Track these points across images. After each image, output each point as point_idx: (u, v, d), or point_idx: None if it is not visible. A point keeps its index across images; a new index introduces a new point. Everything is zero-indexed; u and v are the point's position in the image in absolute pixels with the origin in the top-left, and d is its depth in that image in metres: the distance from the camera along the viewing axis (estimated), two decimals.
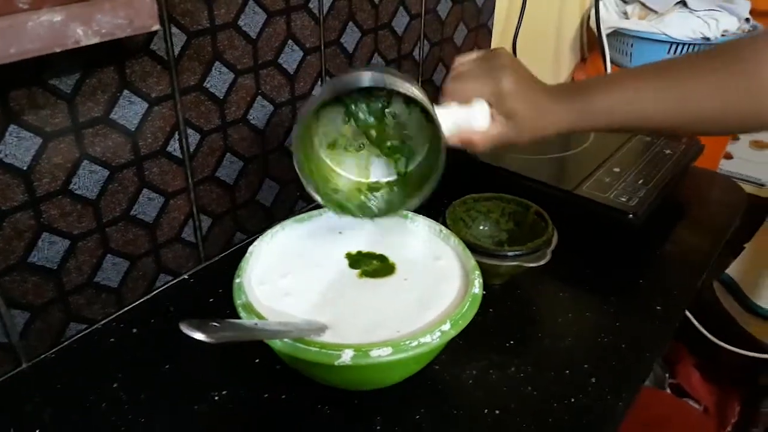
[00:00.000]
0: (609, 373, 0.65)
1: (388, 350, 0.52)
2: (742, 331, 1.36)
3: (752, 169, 1.74)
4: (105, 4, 0.51)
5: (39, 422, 0.59)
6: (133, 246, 0.71)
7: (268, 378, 0.63)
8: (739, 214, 0.95)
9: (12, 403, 0.61)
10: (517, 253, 0.72)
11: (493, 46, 1.20)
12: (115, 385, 0.62)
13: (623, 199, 0.81)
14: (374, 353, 0.52)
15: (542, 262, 0.71)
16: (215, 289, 0.75)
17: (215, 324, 0.44)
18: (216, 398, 0.61)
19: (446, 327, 0.55)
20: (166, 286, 0.76)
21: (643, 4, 1.42)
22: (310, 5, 0.79)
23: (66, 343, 0.68)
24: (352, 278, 0.63)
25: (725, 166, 1.74)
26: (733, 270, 1.43)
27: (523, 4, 1.20)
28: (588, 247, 0.83)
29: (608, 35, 1.36)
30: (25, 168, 0.58)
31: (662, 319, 0.72)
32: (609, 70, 1.33)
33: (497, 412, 0.60)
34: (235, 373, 0.64)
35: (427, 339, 0.53)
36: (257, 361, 0.65)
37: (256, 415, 0.60)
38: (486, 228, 0.81)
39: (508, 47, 1.23)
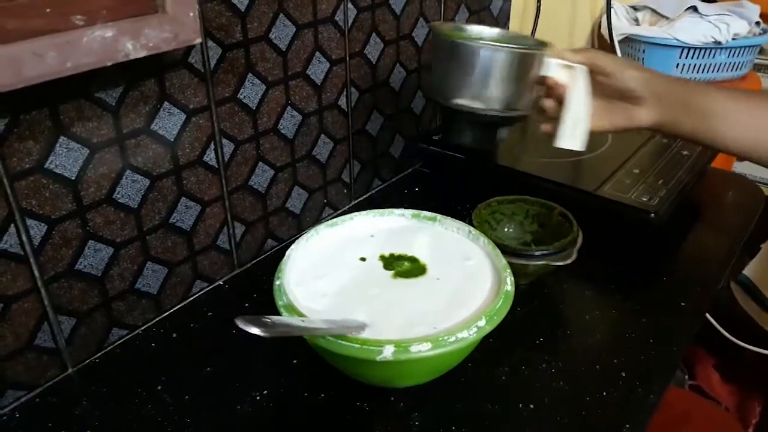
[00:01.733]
0: (638, 367, 0.66)
1: (427, 345, 0.54)
2: (761, 331, 1.36)
3: (764, 170, 1.75)
4: (152, 19, 0.54)
5: (88, 425, 0.61)
6: (171, 253, 0.73)
7: (307, 377, 0.65)
8: (758, 214, 0.97)
9: (61, 406, 0.63)
10: (543, 252, 0.73)
11: None
12: (159, 388, 0.64)
13: (644, 199, 0.83)
14: (414, 348, 0.54)
15: (569, 261, 0.73)
16: (250, 295, 0.77)
17: (268, 320, 0.46)
18: (257, 398, 0.63)
19: (482, 323, 0.57)
20: (201, 292, 0.78)
21: (654, 11, 1.44)
22: (336, 17, 0.82)
23: (109, 348, 0.70)
24: (386, 279, 0.65)
25: (738, 168, 1.75)
26: (749, 270, 1.44)
27: (536, 11, 1.22)
28: (611, 246, 0.85)
29: (620, 42, 1.39)
30: (73, 178, 0.61)
31: (687, 314, 0.74)
32: None
33: (531, 406, 0.62)
34: (275, 374, 0.66)
35: (464, 334, 0.55)
36: (295, 361, 0.67)
37: (298, 413, 0.62)
38: (511, 230, 0.83)
39: None
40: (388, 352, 0.53)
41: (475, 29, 0.78)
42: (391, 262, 0.67)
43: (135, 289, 0.70)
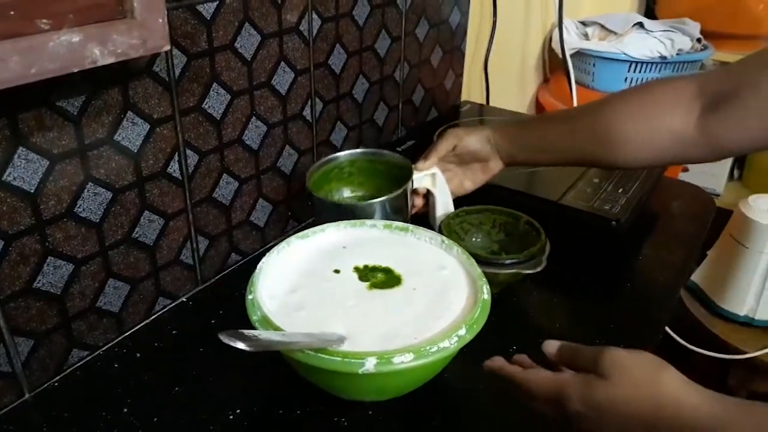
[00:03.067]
0: None
1: (410, 356, 0.53)
2: (710, 335, 1.41)
3: (707, 180, 1.82)
4: (121, 24, 0.52)
5: None
6: (134, 269, 0.70)
7: (281, 394, 0.63)
8: (710, 221, 1.00)
9: None
10: (514, 261, 0.74)
11: (465, 67, 1.24)
12: (125, 410, 0.61)
13: (606, 207, 0.85)
14: (397, 360, 0.53)
15: (539, 269, 0.74)
16: (215, 311, 0.75)
17: (251, 335, 0.45)
18: (231, 417, 0.61)
19: (462, 332, 0.56)
20: (164, 309, 0.75)
21: (602, 26, 1.49)
22: (301, 27, 0.81)
23: (69, 370, 0.66)
24: (362, 290, 0.63)
25: (683, 177, 1.82)
26: (697, 276, 1.49)
27: (492, 28, 1.24)
28: (575, 254, 0.86)
29: (571, 56, 1.43)
30: (32, 191, 0.57)
31: (652, 318, 0.76)
32: (574, 89, 1.39)
33: (508, 416, 0.62)
34: (246, 391, 0.64)
35: (446, 344, 0.55)
36: (266, 379, 0.65)
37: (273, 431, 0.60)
38: (478, 240, 0.84)
39: (479, 70, 1.28)
40: (370, 365, 0.52)
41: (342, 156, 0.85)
42: (365, 273, 0.66)
43: (96, 307, 0.67)
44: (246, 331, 0.45)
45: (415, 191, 0.84)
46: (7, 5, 0.44)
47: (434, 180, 0.82)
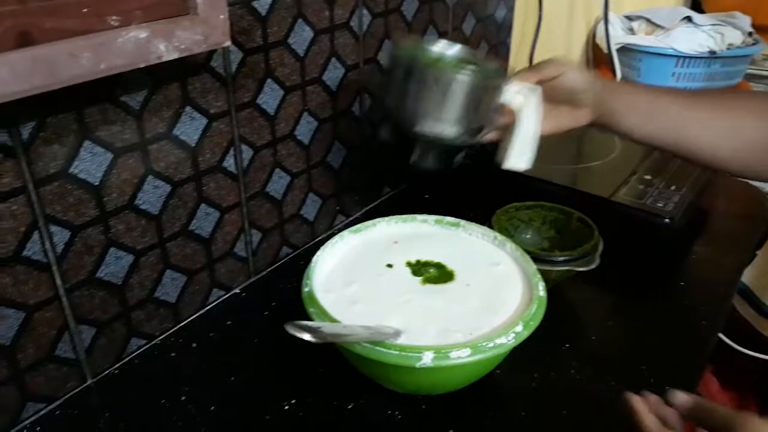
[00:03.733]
0: (666, 371, 0.66)
1: (466, 351, 0.53)
2: (759, 335, 1.38)
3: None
4: (184, 21, 0.53)
5: None
6: (190, 261, 0.71)
7: (335, 385, 0.64)
8: (765, 221, 0.98)
9: (83, 419, 0.61)
10: (567, 258, 0.73)
11: (510, 62, 1.23)
12: (183, 399, 0.63)
13: (659, 205, 0.83)
14: (454, 354, 0.53)
15: (592, 266, 0.73)
16: (268, 302, 0.76)
17: (316, 327, 0.45)
18: (286, 407, 0.62)
19: (519, 328, 0.56)
20: (219, 300, 0.77)
21: (649, 20, 1.46)
22: (351, 23, 0.81)
23: (127, 358, 0.68)
24: (415, 285, 0.64)
25: None
26: (746, 277, 1.45)
27: (538, 23, 1.23)
28: (626, 252, 0.85)
29: (617, 51, 1.40)
30: (96, 183, 0.59)
31: (708, 318, 0.74)
32: None
33: (564, 412, 0.62)
34: (302, 383, 0.64)
35: (503, 340, 0.55)
36: (320, 370, 0.66)
37: (328, 422, 0.60)
38: (528, 236, 0.83)
39: (525, 63, 1.27)
40: (427, 359, 0.52)
41: (437, 48, 0.71)
42: (418, 268, 0.66)
43: (154, 297, 0.69)
44: (310, 323, 0.46)
45: (501, 106, 0.70)
46: (80, 3, 0.46)
47: (528, 99, 0.69)
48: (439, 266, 0.67)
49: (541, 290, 0.61)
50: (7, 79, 0.43)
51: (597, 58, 1.63)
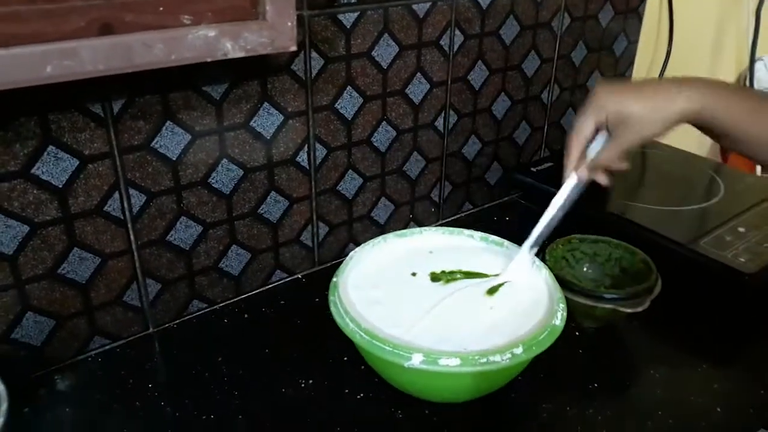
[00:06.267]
0: None
1: (456, 360, 0.55)
2: None
3: None
4: (253, 24, 0.60)
5: (153, 379, 0.68)
6: (256, 241, 0.79)
7: (352, 376, 0.68)
8: None
9: (136, 359, 0.71)
10: (613, 296, 0.71)
11: None
12: (219, 359, 0.70)
13: (742, 260, 0.77)
14: (443, 361, 0.55)
15: (639, 309, 0.70)
16: (323, 291, 0.81)
17: None
18: (302, 385, 0.67)
19: (518, 350, 0.56)
20: (280, 282, 0.84)
21: None
22: (441, 42, 0.85)
23: (187, 317, 0.77)
24: (441, 294, 0.66)
25: None
26: None
27: (665, 58, 1.18)
28: (696, 304, 0.80)
29: None
30: (174, 159, 0.68)
31: (755, 407, 0.67)
32: None
33: None
34: (324, 366, 0.69)
35: (497, 358, 0.55)
36: (345, 359, 0.70)
37: (333, 407, 0.65)
38: (590, 270, 0.81)
39: None
40: (416, 360, 0.55)
41: None
42: (450, 279, 0.68)
43: (218, 267, 0.77)
44: None
45: None
46: (157, 2, 0.55)
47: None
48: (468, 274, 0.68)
49: (558, 320, 0.60)
50: (89, 59, 0.52)
51: None
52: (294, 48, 0.63)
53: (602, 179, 0.68)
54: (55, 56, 0.51)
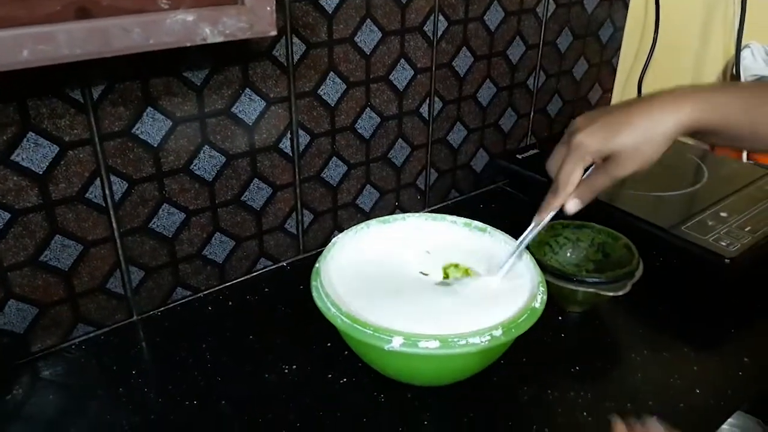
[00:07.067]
0: (674, 414, 0.63)
1: (435, 343, 0.55)
2: None
3: None
4: (231, 9, 0.60)
5: (137, 366, 0.68)
6: (239, 228, 0.79)
7: (335, 361, 0.68)
8: None
9: (120, 347, 0.71)
10: (594, 280, 0.71)
11: (617, 84, 1.19)
12: (203, 346, 0.70)
13: (723, 244, 0.78)
14: (422, 344, 0.55)
15: (620, 293, 0.70)
16: (308, 279, 0.82)
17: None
18: (285, 371, 0.67)
19: (497, 333, 0.57)
20: (265, 269, 0.84)
21: None
22: (425, 28, 0.85)
23: (171, 305, 0.77)
24: (422, 284, 0.66)
25: None
26: None
27: (652, 45, 1.18)
28: (678, 288, 0.80)
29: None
30: (155, 145, 0.68)
31: (749, 373, 0.68)
32: None
33: (546, 430, 0.61)
34: (307, 352, 0.70)
35: (476, 340, 0.56)
36: (329, 344, 0.70)
37: (316, 392, 0.65)
38: (573, 256, 0.81)
39: (634, 87, 1.21)
40: (396, 343, 0.55)
41: None
42: (432, 265, 0.68)
43: (202, 255, 0.77)
44: None
45: None
46: None
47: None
48: (456, 265, 0.69)
49: (538, 303, 0.61)
50: (65, 43, 0.52)
51: None
52: (274, 33, 0.63)
53: (574, 207, 0.64)
54: (31, 40, 0.50)
